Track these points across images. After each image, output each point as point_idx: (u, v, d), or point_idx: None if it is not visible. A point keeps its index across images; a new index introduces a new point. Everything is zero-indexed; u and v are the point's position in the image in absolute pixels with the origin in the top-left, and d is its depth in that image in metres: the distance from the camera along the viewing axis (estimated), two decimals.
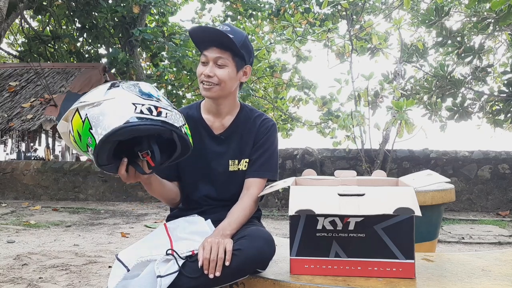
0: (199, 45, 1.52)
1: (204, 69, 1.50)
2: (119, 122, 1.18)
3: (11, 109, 9.07)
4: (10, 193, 8.00)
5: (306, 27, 8.75)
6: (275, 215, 6.17)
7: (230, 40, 1.46)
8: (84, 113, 1.22)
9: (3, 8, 8.58)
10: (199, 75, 1.52)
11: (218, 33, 1.46)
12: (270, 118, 1.65)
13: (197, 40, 1.52)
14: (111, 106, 1.21)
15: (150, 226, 5.20)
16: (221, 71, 1.49)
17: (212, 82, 1.49)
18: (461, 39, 5.70)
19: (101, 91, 1.26)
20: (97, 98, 1.23)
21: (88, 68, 10.33)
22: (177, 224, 1.48)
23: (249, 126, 1.61)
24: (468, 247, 4.20)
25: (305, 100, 11.55)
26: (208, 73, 1.48)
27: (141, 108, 1.21)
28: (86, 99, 1.24)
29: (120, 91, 1.25)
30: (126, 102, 1.21)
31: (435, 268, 1.41)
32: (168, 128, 1.24)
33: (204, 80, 1.50)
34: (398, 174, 6.38)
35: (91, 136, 1.20)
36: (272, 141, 1.61)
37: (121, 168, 1.31)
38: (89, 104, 1.22)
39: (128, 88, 1.26)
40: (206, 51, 1.49)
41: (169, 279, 1.25)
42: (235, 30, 1.51)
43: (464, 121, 6.00)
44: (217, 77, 1.49)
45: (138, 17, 10.58)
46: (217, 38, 1.47)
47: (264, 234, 1.38)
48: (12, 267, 3.18)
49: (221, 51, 1.48)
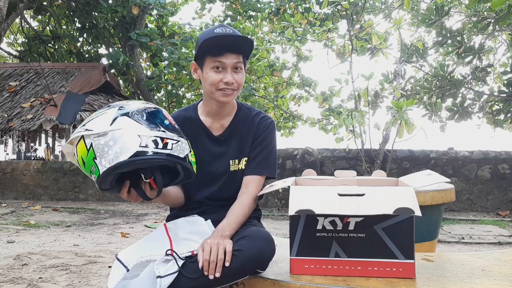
0: (209, 52, 1.48)
1: (221, 76, 1.47)
2: (124, 156, 1.18)
3: (11, 109, 9.07)
4: (10, 193, 8.00)
5: (306, 26, 8.75)
6: (275, 215, 6.17)
7: (249, 43, 1.47)
8: (89, 141, 1.22)
9: (3, 8, 8.58)
10: (215, 82, 1.48)
11: (236, 39, 1.45)
12: (268, 116, 1.65)
13: (208, 48, 1.47)
14: (117, 137, 1.20)
15: (150, 226, 5.20)
16: (239, 76, 1.50)
17: (233, 88, 1.49)
18: (461, 39, 5.70)
19: (108, 118, 1.24)
20: (103, 128, 1.22)
21: (88, 68, 10.33)
22: (177, 224, 1.48)
23: (248, 125, 1.61)
24: (468, 247, 4.20)
25: (305, 98, 11.56)
26: (231, 80, 1.47)
27: (147, 141, 1.21)
28: (92, 127, 1.24)
29: (127, 121, 1.23)
30: (132, 134, 1.21)
31: (435, 268, 1.41)
32: (173, 160, 1.24)
33: (225, 88, 1.48)
34: (398, 174, 6.38)
35: (95, 165, 1.22)
36: (271, 138, 1.61)
37: (123, 191, 1.32)
38: (94, 134, 1.22)
39: (136, 116, 1.24)
40: (221, 57, 1.46)
41: (169, 279, 1.25)
42: (237, 32, 1.51)
43: (464, 121, 6.00)
44: (237, 82, 1.49)
45: (138, 17, 10.59)
46: (233, 44, 1.46)
47: (264, 235, 1.38)
48: (12, 267, 3.18)
49: (237, 56, 1.48)
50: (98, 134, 1.21)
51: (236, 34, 1.46)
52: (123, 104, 1.30)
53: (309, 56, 10.76)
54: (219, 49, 1.46)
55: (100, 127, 1.23)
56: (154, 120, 1.26)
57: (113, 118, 1.24)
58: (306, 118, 11.27)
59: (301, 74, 11.20)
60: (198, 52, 1.51)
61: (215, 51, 1.46)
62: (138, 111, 1.26)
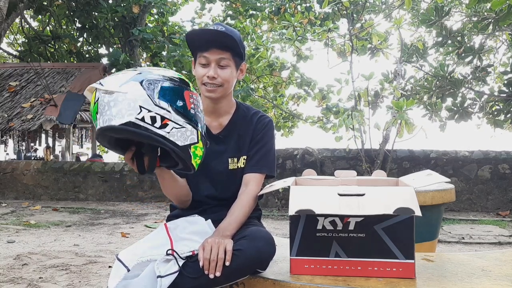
0: (197, 48, 1.51)
1: (206, 71, 1.49)
2: (116, 121, 1.16)
3: (11, 109, 9.07)
4: (10, 193, 8.00)
5: (306, 26, 8.73)
6: (275, 215, 6.17)
7: (232, 40, 1.46)
8: (97, 95, 1.21)
9: (3, 8, 8.58)
10: (200, 77, 1.51)
11: (219, 34, 1.46)
12: (267, 115, 1.66)
13: (195, 43, 1.51)
14: (119, 101, 1.17)
15: (150, 226, 5.20)
16: (225, 72, 1.50)
17: (216, 83, 1.50)
18: (461, 39, 5.70)
19: (122, 79, 1.21)
20: (112, 87, 1.19)
21: (88, 68, 10.33)
22: (177, 224, 1.48)
23: (246, 124, 1.61)
24: (468, 247, 4.20)
25: (304, 98, 11.54)
26: (213, 74, 1.48)
27: (144, 115, 1.17)
28: (105, 83, 1.22)
29: (136, 88, 1.19)
30: (134, 102, 1.17)
31: (435, 268, 1.41)
32: (166, 144, 1.19)
33: (207, 82, 1.50)
34: (398, 174, 6.37)
35: (95, 120, 1.21)
36: (269, 137, 1.62)
37: (127, 156, 1.32)
38: (103, 90, 1.20)
39: (149, 86, 1.20)
40: (206, 53, 1.49)
41: (169, 279, 1.25)
42: (231, 30, 1.51)
43: (464, 121, 6.00)
44: (221, 78, 1.50)
45: (138, 17, 10.59)
46: (218, 38, 1.47)
47: (265, 234, 1.38)
48: (12, 267, 3.18)
49: (222, 52, 1.48)
50: (106, 91, 1.19)
51: (223, 32, 1.46)
52: (147, 70, 1.26)
53: (309, 55, 10.75)
54: (206, 44, 1.48)
55: (110, 85, 1.20)
56: (167, 97, 1.20)
57: (125, 80, 1.21)
58: (306, 117, 11.26)
59: (300, 74, 11.19)
60: (189, 48, 1.55)
61: (202, 46, 1.49)
62: (154, 81, 1.21)
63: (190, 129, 1.23)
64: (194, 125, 1.24)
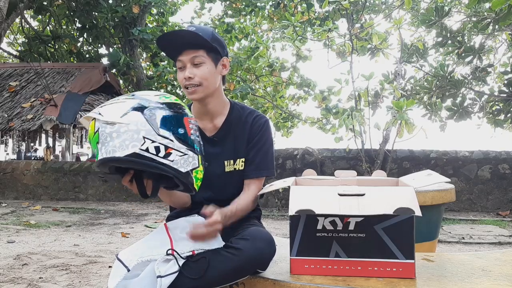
0: (171, 53, 1.50)
1: (183, 73, 1.48)
2: (120, 153, 1.16)
3: (11, 109, 9.07)
4: (10, 193, 8.00)
5: (305, 25, 8.72)
6: (275, 215, 6.17)
7: (198, 36, 1.44)
8: (97, 125, 1.21)
9: (3, 8, 8.58)
10: (180, 81, 1.50)
11: (185, 34, 1.44)
12: (263, 115, 1.64)
13: (168, 48, 1.50)
14: (121, 132, 1.18)
15: (150, 226, 5.20)
16: (200, 70, 1.48)
17: (194, 83, 1.48)
18: (461, 39, 5.70)
19: (122, 109, 1.22)
20: (113, 117, 1.20)
21: (88, 68, 10.33)
22: (177, 224, 1.48)
23: (241, 124, 1.59)
24: (468, 247, 4.20)
25: (304, 98, 11.54)
26: (188, 75, 1.47)
27: (148, 145, 1.17)
28: (105, 113, 1.22)
29: (138, 118, 1.19)
30: (137, 133, 1.18)
31: (435, 268, 1.41)
32: (170, 172, 1.21)
33: (186, 84, 1.49)
34: (398, 174, 6.38)
35: (96, 149, 1.21)
36: (266, 138, 1.60)
37: (126, 178, 1.31)
38: (103, 121, 1.20)
39: (149, 115, 1.20)
40: (179, 56, 1.48)
41: (169, 279, 1.25)
42: (201, 28, 1.50)
43: (464, 121, 6.00)
44: (198, 76, 1.48)
45: (138, 17, 10.59)
46: (186, 39, 1.45)
47: (265, 235, 1.38)
48: (12, 267, 3.18)
49: (194, 51, 1.47)
50: (107, 122, 1.19)
51: (181, 30, 1.45)
52: (145, 96, 1.26)
53: (308, 56, 10.75)
54: (178, 48, 1.47)
55: (111, 115, 1.20)
56: (168, 125, 1.22)
57: (126, 111, 1.21)
58: (305, 118, 11.26)
59: (300, 74, 11.19)
60: (167, 55, 1.54)
61: (175, 51, 1.48)
62: (154, 110, 1.22)
63: (192, 155, 1.25)
64: (195, 150, 1.26)
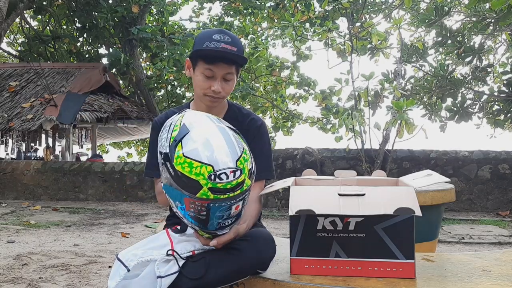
0: (203, 57, 1.48)
1: (211, 84, 1.48)
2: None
3: (11, 109, 9.07)
4: (10, 193, 8.00)
5: (305, 25, 8.72)
6: (275, 215, 6.17)
7: (239, 56, 1.46)
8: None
9: (3, 8, 8.58)
10: (204, 88, 1.49)
11: (230, 52, 1.44)
12: (258, 117, 1.65)
13: (202, 53, 1.48)
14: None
15: (150, 226, 5.20)
16: (229, 85, 1.51)
17: (220, 97, 1.51)
18: (461, 39, 5.70)
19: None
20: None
21: (88, 68, 10.32)
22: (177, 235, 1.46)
23: (236, 125, 1.57)
24: (468, 247, 4.20)
25: (304, 97, 11.54)
26: (219, 89, 1.48)
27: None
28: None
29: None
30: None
31: (435, 268, 1.41)
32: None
33: (212, 95, 1.49)
34: (398, 174, 6.37)
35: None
36: (263, 141, 1.60)
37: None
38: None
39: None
40: (212, 66, 1.46)
41: (169, 279, 1.25)
42: (236, 41, 1.49)
43: (464, 122, 6.00)
44: (225, 91, 1.50)
45: (138, 16, 10.58)
46: (226, 55, 1.45)
47: (265, 235, 1.38)
48: (12, 267, 3.18)
49: (229, 67, 1.48)
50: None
51: (231, 48, 1.44)
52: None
53: (308, 54, 10.74)
54: (213, 57, 1.46)
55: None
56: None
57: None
58: (306, 117, 11.26)
59: (300, 74, 11.19)
60: (193, 53, 1.51)
61: (208, 58, 1.47)
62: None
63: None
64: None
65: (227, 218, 1.22)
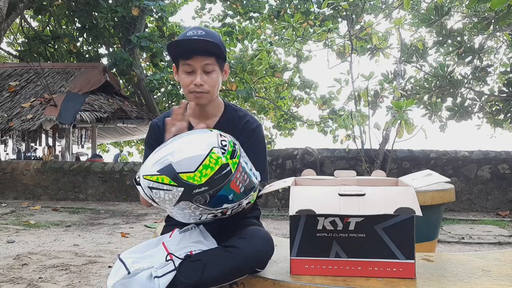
0: (179, 55, 1.48)
1: (192, 78, 1.47)
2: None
3: (11, 109, 9.06)
4: (10, 193, 8.00)
5: (306, 28, 8.73)
6: (275, 215, 6.17)
7: (215, 45, 1.44)
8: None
9: (3, 8, 8.58)
10: (186, 85, 1.49)
11: (202, 41, 1.44)
12: (255, 119, 1.63)
13: (177, 51, 1.49)
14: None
15: (150, 226, 5.20)
16: (211, 78, 1.49)
17: (203, 90, 1.48)
18: (461, 39, 5.70)
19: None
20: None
21: (88, 68, 10.32)
22: (174, 239, 1.45)
23: (233, 128, 1.57)
24: (468, 247, 4.20)
25: (305, 100, 11.58)
26: (200, 82, 1.46)
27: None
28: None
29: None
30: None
31: (435, 268, 1.41)
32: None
33: (194, 90, 1.48)
34: (398, 174, 6.37)
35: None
36: (258, 143, 1.58)
37: None
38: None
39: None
40: (189, 61, 1.46)
41: (167, 278, 1.25)
42: (212, 34, 1.49)
43: (464, 121, 6.00)
44: (208, 84, 1.48)
45: (138, 17, 10.58)
46: (200, 45, 1.45)
47: (263, 234, 1.38)
48: (12, 267, 3.18)
49: (206, 58, 1.46)
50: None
51: (203, 39, 1.44)
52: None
53: (308, 56, 10.77)
54: (188, 52, 1.46)
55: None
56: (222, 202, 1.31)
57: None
58: (306, 120, 11.29)
59: (302, 76, 11.20)
60: (170, 54, 1.52)
61: (184, 54, 1.47)
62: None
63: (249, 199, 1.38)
64: (248, 196, 1.36)
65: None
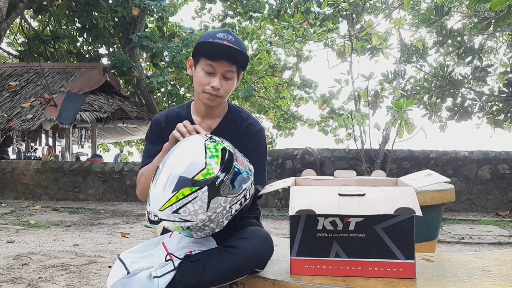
0: (204, 54, 1.48)
1: (210, 80, 1.48)
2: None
3: (11, 109, 9.06)
4: (10, 193, 7.99)
5: (306, 28, 8.73)
6: (275, 215, 6.17)
7: (241, 55, 1.46)
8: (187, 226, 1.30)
9: (3, 8, 8.58)
10: (203, 85, 1.49)
11: (231, 49, 1.45)
12: (257, 122, 1.63)
13: (205, 49, 1.49)
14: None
15: (150, 226, 5.19)
16: (228, 84, 1.50)
17: (218, 94, 1.49)
18: (461, 39, 5.70)
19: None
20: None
21: (88, 68, 10.32)
22: (173, 239, 1.45)
23: (235, 130, 1.58)
24: (468, 247, 4.20)
25: (305, 99, 11.59)
26: (218, 86, 1.47)
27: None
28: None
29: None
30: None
31: (435, 268, 1.41)
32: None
33: (210, 91, 1.48)
34: (398, 174, 6.37)
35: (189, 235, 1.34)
36: (258, 148, 1.58)
37: None
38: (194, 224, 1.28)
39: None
40: (214, 62, 1.47)
41: (166, 278, 1.25)
42: (239, 41, 1.50)
43: (464, 121, 6.00)
44: (224, 90, 1.49)
45: (138, 17, 10.58)
46: (228, 52, 1.46)
47: (262, 234, 1.38)
48: (12, 267, 3.18)
49: (230, 65, 1.48)
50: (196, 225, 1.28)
51: (234, 46, 1.45)
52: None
53: (308, 56, 10.77)
54: (214, 54, 1.47)
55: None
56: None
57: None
58: (306, 120, 11.29)
59: (301, 75, 11.21)
60: (195, 50, 1.52)
61: (210, 54, 1.47)
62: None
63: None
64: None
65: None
